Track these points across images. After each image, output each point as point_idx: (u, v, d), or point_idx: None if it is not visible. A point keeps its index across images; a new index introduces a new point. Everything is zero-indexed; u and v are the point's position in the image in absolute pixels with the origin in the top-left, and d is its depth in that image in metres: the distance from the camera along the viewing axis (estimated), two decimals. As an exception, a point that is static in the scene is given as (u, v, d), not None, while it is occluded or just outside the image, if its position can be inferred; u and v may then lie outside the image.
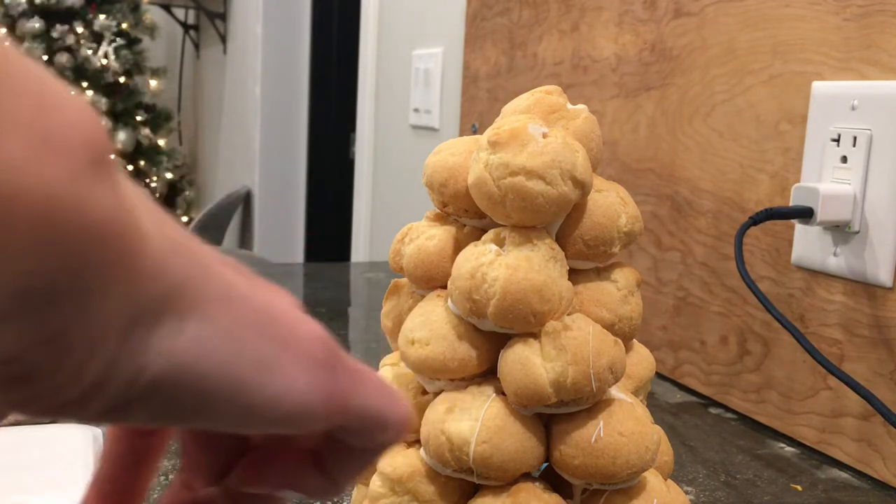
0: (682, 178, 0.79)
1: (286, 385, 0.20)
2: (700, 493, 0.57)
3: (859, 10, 0.60)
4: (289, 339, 0.20)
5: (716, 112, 0.75)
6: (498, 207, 0.33)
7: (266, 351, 0.20)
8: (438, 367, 0.34)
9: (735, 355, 0.73)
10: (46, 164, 0.14)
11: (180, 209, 4.19)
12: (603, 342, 0.33)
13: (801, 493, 0.58)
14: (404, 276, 0.38)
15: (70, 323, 0.15)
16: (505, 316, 0.33)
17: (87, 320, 0.15)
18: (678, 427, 0.70)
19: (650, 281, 0.84)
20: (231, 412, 0.19)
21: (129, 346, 0.17)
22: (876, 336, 0.60)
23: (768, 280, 0.69)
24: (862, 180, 0.61)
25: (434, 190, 0.37)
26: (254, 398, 0.19)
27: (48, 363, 0.15)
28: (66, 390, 0.16)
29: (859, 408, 0.61)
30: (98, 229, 0.15)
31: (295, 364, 0.20)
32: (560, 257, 0.34)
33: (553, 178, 0.33)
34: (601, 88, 0.92)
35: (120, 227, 0.15)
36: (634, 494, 0.34)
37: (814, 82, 0.65)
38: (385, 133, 1.78)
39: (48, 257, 0.14)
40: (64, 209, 0.14)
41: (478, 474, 0.33)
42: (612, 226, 0.36)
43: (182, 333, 0.18)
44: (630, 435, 0.33)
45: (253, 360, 0.19)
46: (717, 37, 0.75)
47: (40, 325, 0.15)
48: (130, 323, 0.17)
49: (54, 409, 0.17)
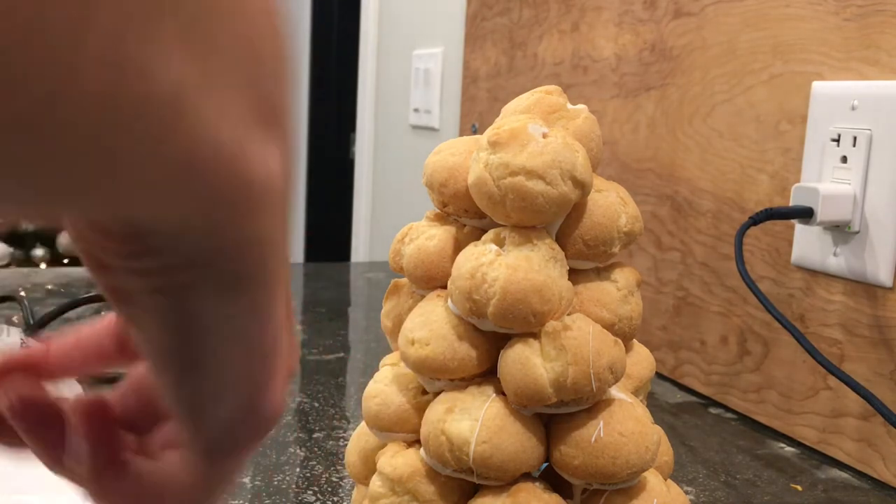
0: (682, 178, 0.79)
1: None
2: (700, 493, 0.57)
3: (859, 10, 0.60)
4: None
5: (716, 112, 0.75)
6: (498, 207, 0.33)
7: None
8: (438, 367, 0.34)
9: (735, 355, 0.73)
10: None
11: (180, 209, 4.19)
12: (603, 342, 0.33)
13: (801, 493, 0.58)
14: (404, 276, 0.38)
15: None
16: (505, 316, 0.33)
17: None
18: (678, 427, 0.70)
19: (650, 281, 0.84)
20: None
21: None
22: (876, 336, 0.60)
23: (768, 280, 0.69)
24: (862, 180, 0.61)
25: (434, 190, 0.37)
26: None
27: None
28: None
29: (859, 408, 0.61)
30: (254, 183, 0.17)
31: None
32: (560, 257, 0.34)
33: (553, 178, 0.33)
34: (601, 88, 0.92)
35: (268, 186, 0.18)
36: (634, 494, 0.34)
37: (814, 82, 0.65)
38: (385, 133, 1.78)
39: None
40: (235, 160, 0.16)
41: (478, 474, 0.33)
42: (612, 226, 0.36)
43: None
44: (630, 435, 0.33)
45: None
46: (717, 37, 0.75)
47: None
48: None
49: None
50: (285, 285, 0.21)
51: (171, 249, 0.18)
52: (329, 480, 0.55)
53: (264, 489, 0.53)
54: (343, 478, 0.55)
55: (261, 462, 0.57)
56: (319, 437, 0.62)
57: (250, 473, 0.55)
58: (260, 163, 0.17)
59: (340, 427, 0.64)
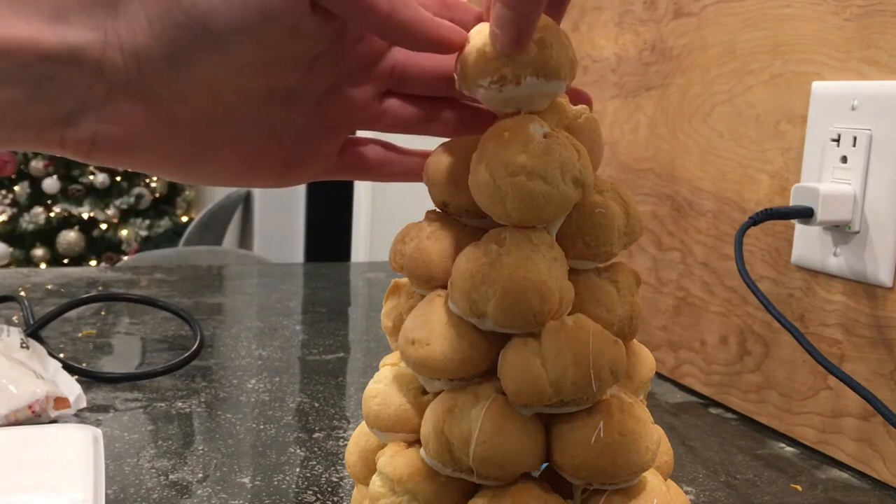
0: (682, 178, 0.79)
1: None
2: (700, 493, 0.57)
3: (859, 10, 0.61)
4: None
5: (716, 112, 0.75)
6: (499, 207, 0.33)
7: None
8: (438, 366, 0.34)
9: (735, 355, 0.73)
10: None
11: (180, 209, 4.20)
12: (603, 342, 0.33)
13: (801, 493, 0.58)
14: (404, 276, 0.38)
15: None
16: (505, 316, 0.33)
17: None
18: (678, 427, 0.70)
19: (650, 281, 0.84)
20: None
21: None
22: (876, 336, 0.60)
23: (768, 280, 0.69)
24: (862, 180, 0.61)
25: (434, 189, 0.37)
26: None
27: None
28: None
29: (859, 408, 0.61)
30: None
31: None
32: (560, 257, 0.34)
33: (554, 178, 0.33)
34: (601, 88, 0.92)
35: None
36: (634, 494, 0.34)
37: (814, 82, 0.65)
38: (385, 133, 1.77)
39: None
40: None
41: (478, 474, 0.33)
42: (612, 226, 0.36)
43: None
44: (630, 435, 0.33)
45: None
46: (717, 37, 0.75)
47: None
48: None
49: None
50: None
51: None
52: (329, 480, 0.55)
53: (264, 489, 0.53)
54: (343, 478, 0.55)
55: (261, 462, 0.57)
56: (319, 437, 0.62)
57: (250, 473, 0.55)
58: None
59: (340, 427, 0.65)
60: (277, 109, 0.36)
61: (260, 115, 0.36)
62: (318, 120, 0.37)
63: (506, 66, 0.33)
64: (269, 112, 0.36)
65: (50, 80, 0.31)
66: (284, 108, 0.36)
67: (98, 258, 3.98)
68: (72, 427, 0.55)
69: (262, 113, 0.36)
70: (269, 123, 0.36)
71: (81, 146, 0.33)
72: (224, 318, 0.96)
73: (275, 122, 0.36)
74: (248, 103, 0.35)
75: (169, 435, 0.61)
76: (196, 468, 0.56)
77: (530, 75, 0.33)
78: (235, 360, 0.80)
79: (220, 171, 0.37)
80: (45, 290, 1.02)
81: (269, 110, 0.36)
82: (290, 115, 0.36)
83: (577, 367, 0.32)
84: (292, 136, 0.37)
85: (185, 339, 0.86)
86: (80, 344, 0.82)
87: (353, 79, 0.37)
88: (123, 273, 1.17)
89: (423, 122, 0.39)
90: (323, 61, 0.35)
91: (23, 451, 0.51)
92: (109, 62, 0.31)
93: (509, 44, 0.32)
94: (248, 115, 0.35)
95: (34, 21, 0.30)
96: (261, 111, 0.36)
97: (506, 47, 0.33)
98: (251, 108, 0.35)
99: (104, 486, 0.49)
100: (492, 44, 0.33)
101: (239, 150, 0.36)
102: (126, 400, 0.68)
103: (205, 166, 0.36)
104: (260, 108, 0.35)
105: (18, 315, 0.87)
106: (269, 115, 0.36)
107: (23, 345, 0.69)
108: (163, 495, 0.52)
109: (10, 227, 3.87)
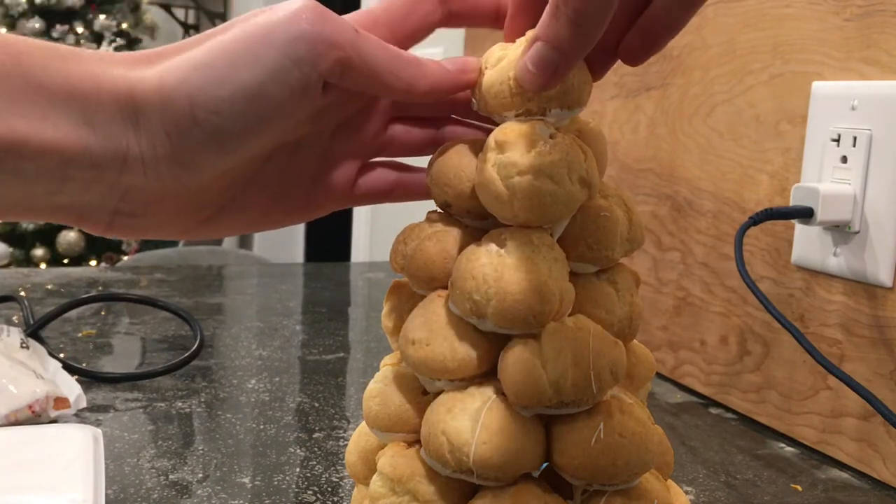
0: (682, 178, 0.79)
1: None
2: (700, 493, 0.57)
3: (859, 10, 0.61)
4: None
5: (716, 112, 0.75)
6: (505, 207, 0.33)
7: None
8: (438, 367, 0.34)
9: (735, 355, 0.73)
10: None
11: (180, 209, 4.19)
12: (603, 343, 0.33)
13: (801, 493, 0.58)
14: (404, 276, 0.38)
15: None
16: (505, 316, 0.33)
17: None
18: (678, 427, 0.70)
19: (650, 281, 0.84)
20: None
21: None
22: (876, 336, 0.60)
23: (768, 280, 0.69)
24: (862, 180, 0.61)
25: (437, 190, 0.37)
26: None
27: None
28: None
29: (859, 408, 0.61)
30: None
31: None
32: (561, 258, 0.34)
33: (561, 178, 0.33)
34: (601, 88, 0.92)
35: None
36: (635, 495, 0.34)
37: (814, 82, 0.65)
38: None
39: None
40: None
41: (478, 475, 0.33)
42: (615, 230, 0.36)
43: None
44: (630, 436, 0.33)
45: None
46: (717, 37, 0.75)
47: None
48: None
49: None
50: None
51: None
52: (329, 480, 0.55)
53: (264, 489, 0.53)
54: (343, 478, 0.55)
55: (261, 462, 0.57)
56: (319, 437, 0.62)
57: (250, 473, 0.55)
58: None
59: (340, 427, 0.65)
60: (288, 160, 0.37)
61: (272, 170, 0.37)
62: (329, 161, 0.38)
63: (531, 100, 0.34)
64: (281, 164, 0.37)
65: (71, 180, 0.32)
66: (295, 158, 0.37)
67: (98, 258, 3.98)
68: (72, 427, 0.55)
69: (274, 167, 0.37)
70: (280, 174, 0.37)
71: (98, 228, 0.34)
72: (224, 318, 0.96)
73: (286, 172, 0.37)
74: (259, 162, 0.36)
75: (169, 435, 0.61)
76: (196, 468, 0.56)
77: (555, 107, 0.34)
78: (235, 360, 0.80)
79: (238, 225, 0.38)
80: (45, 290, 1.02)
81: (279, 163, 0.37)
82: (301, 162, 0.37)
83: (577, 368, 0.32)
84: (306, 181, 0.38)
85: (185, 339, 0.86)
86: (80, 344, 0.82)
87: (359, 117, 0.38)
88: (123, 273, 1.17)
89: (429, 145, 0.40)
90: (328, 111, 0.36)
91: (23, 451, 0.51)
92: (129, 171, 0.32)
93: (542, 86, 0.33)
94: (260, 173, 0.37)
95: (62, 126, 0.31)
96: (272, 166, 0.37)
97: (536, 89, 0.33)
98: (262, 166, 0.36)
99: (104, 486, 0.49)
100: (520, 79, 0.33)
101: (254, 204, 0.37)
102: (126, 400, 0.68)
103: (223, 226, 0.37)
104: (271, 164, 0.37)
105: (18, 315, 0.87)
106: (280, 167, 0.37)
107: (23, 345, 0.69)
108: (163, 495, 0.52)
109: (10, 227, 3.87)
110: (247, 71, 0.32)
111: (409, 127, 0.40)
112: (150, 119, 0.32)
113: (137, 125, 0.32)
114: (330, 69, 0.32)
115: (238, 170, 0.35)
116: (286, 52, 0.32)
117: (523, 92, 0.34)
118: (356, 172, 0.39)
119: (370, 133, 0.39)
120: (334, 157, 0.38)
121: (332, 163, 0.38)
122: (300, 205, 0.38)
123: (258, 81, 0.32)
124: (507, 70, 0.34)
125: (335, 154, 0.38)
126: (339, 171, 0.39)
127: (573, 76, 0.34)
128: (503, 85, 0.34)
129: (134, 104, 0.32)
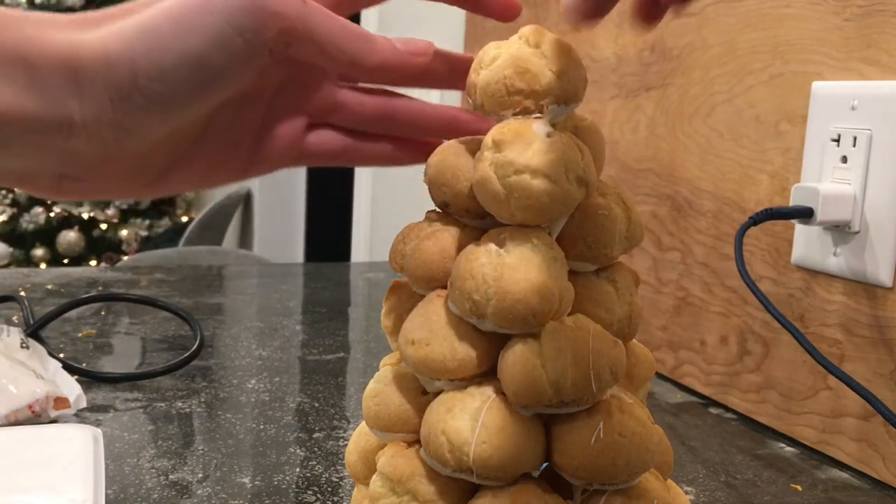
0: (682, 178, 0.79)
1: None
2: (700, 493, 0.57)
3: (859, 10, 0.61)
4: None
5: (716, 112, 0.75)
6: (503, 206, 0.33)
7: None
8: (438, 367, 0.34)
9: (735, 355, 0.73)
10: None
11: (180, 209, 4.20)
12: (603, 342, 0.33)
13: (801, 493, 0.58)
14: (404, 276, 0.38)
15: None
16: (505, 316, 0.33)
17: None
18: (678, 427, 0.70)
19: (650, 281, 0.84)
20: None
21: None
22: (876, 336, 0.60)
23: (768, 280, 0.69)
24: (862, 180, 0.61)
25: (435, 189, 0.37)
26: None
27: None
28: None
29: (859, 408, 0.61)
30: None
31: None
32: (560, 257, 0.34)
33: (558, 177, 0.33)
34: (601, 88, 0.92)
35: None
36: (634, 495, 0.34)
37: (814, 82, 0.65)
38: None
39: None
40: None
41: (478, 474, 0.33)
42: (613, 228, 0.36)
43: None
44: (630, 435, 0.33)
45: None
46: (717, 37, 0.75)
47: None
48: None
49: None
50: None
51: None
52: (329, 480, 0.55)
53: (264, 489, 0.53)
54: (343, 478, 0.55)
55: (261, 462, 0.57)
56: (319, 437, 0.62)
57: (250, 473, 0.55)
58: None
59: (340, 427, 0.65)
60: (231, 118, 0.37)
61: (215, 128, 0.36)
62: (272, 117, 0.38)
63: (528, 98, 0.34)
64: (224, 122, 0.37)
65: (14, 144, 0.32)
66: (238, 115, 0.37)
67: (98, 258, 3.98)
68: (72, 427, 0.55)
69: (217, 125, 0.36)
70: (224, 132, 0.37)
71: (45, 191, 0.34)
72: (224, 318, 0.96)
73: (230, 130, 0.37)
74: (202, 123, 0.36)
75: (169, 435, 0.61)
76: (196, 468, 0.56)
77: (552, 104, 0.34)
78: (235, 360, 0.80)
79: (186, 184, 0.38)
80: (45, 290, 1.02)
81: (222, 121, 0.37)
82: (243, 119, 0.37)
83: (577, 367, 0.32)
84: (249, 138, 0.38)
85: (185, 339, 0.86)
86: (80, 344, 0.82)
87: (305, 75, 0.38)
88: (123, 273, 1.17)
89: (380, 118, 0.39)
90: (271, 69, 0.36)
91: (23, 451, 0.51)
92: (73, 136, 0.32)
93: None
94: (203, 133, 0.36)
95: (5, 91, 0.31)
96: (215, 124, 0.36)
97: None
98: (205, 126, 0.36)
99: (104, 486, 0.49)
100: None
101: (200, 162, 0.37)
102: (126, 400, 0.68)
103: (170, 186, 0.37)
104: (214, 122, 0.36)
105: (18, 315, 0.87)
106: (223, 125, 0.37)
107: (23, 345, 0.69)
108: (163, 495, 0.52)
109: (10, 227, 3.87)
110: (190, 38, 0.31)
111: (361, 96, 0.39)
112: (94, 84, 0.32)
113: (81, 90, 0.32)
114: (274, 39, 0.32)
115: (182, 132, 0.35)
116: (229, 20, 0.32)
117: (518, 91, 0.34)
118: (302, 131, 0.39)
119: (316, 92, 0.38)
120: (277, 114, 0.38)
121: (275, 119, 0.38)
122: (245, 161, 0.38)
123: (201, 50, 0.32)
124: (502, 69, 0.34)
125: (278, 110, 0.38)
126: (283, 128, 0.38)
127: (568, 72, 0.34)
128: (499, 84, 0.34)
129: (77, 70, 0.31)
